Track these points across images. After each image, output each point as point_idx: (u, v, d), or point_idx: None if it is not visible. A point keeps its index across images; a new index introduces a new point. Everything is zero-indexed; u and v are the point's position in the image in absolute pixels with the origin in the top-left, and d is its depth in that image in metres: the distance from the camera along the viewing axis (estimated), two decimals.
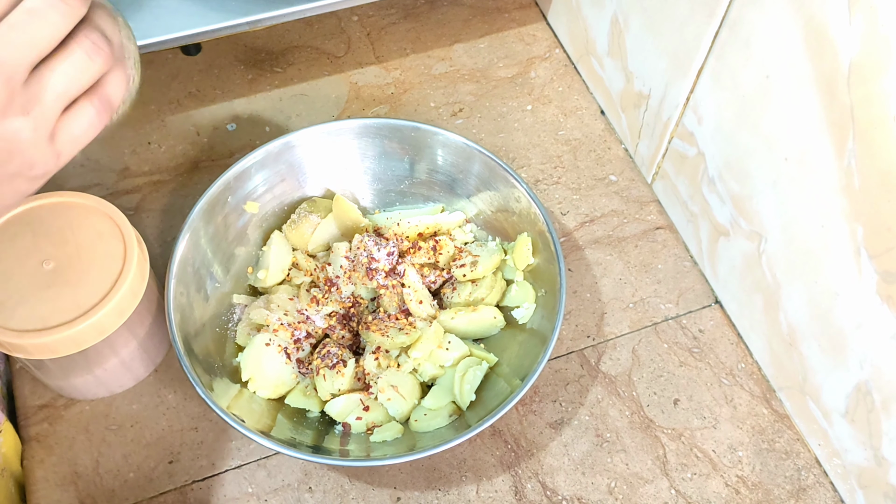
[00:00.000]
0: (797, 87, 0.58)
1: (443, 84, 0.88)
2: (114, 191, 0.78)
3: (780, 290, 0.66)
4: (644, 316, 0.75)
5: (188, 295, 0.64)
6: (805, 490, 0.67)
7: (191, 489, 0.64)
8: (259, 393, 0.65)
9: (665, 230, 0.80)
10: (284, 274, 0.71)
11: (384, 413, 0.65)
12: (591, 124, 0.87)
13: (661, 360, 0.72)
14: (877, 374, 0.59)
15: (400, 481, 0.65)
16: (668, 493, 0.66)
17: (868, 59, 0.51)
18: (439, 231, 0.73)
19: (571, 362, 0.72)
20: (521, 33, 0.93)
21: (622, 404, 0.70)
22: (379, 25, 0.92)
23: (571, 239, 0.79)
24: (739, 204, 0.68)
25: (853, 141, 0.54)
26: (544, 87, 0.89)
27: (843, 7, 0.52)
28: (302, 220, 0.72)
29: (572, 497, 0.65)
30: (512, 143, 0.84)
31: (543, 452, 0.67)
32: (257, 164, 0.69)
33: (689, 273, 0.77)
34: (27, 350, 0.57)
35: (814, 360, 0.65)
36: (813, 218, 0.60)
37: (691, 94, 0.71)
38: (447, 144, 0.72)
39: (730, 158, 0.68)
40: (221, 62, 0.88)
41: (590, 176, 0.83)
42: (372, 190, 0.76)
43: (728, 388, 0.71)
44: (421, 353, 0.66)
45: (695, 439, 0.69)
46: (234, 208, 0.69)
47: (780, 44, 0.58)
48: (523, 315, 0.69)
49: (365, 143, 0.73)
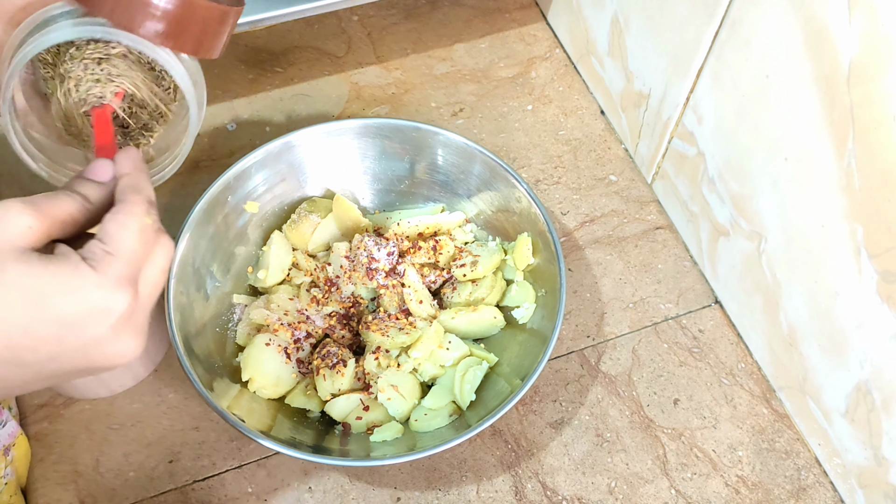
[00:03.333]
0: (797, 87, 0.58)
1: (444, 84, 0.88)
2: None
3: (780, 290, 0.66)
4: (644, 316, 0.75)
5: (188, 295, 0.64)
6: (805, 490, 0.67)
7: (191, 489, 0.64)
8: (259, 393, 0.65)
9: (665, 230, 0.80)
10: (284, 274, 0.71)
11: (384, 413, 0.65)
12: (592, 124, 0.87)
13: (661, 360, 0.72)
14: (877, 373, 0.59)
15: (400, 481, 0.65)
16: (668, 492, 0.66)
17: (868, 59, 0.51)
18: (439, 231, 0.73)
19: (571, 362, 0.72)
20: (522, 33, 0.93)
21: (622, 404, 0.70)
22: (380, 25, 0.92)
23: (571, 239, 0.79)
24: (739, 204, 0.68)
25: (853, 141, 0.54)
26: (545, 87, 0.89)
27: (843, 7, 0.52)
28: (302, 220, 0.72)
29: (572, 497, 0.66)
30: (512, 143, 0.84)
31: (543, 452, 0.67)
32: (257, 164, 0.69)
33: (689, 273, 0.77)
34: None
35: (814, 359, 0.65)
36: (813, 218, 0.60)
37: (691, 93, 0.71)
38: (448, 144, 0.72)
39: (730, 158, 0.68)
40: (222, 62, 0.88)
41: (590, 176, 0.83)
42: (372, 190, 0.76)
43: (728, 388, 0.71)
44: (421, 353, 0.66)
45: (695, 439, 0.69)
46: (234, 208, 0.69)
47: (780, 44, 0.58)
48: (523, 315, 0.69)
49: (365, 143, 0.73)
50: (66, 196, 0.40)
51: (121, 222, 0.39)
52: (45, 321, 0.36)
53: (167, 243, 0.42)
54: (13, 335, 0.36)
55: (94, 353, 0.38)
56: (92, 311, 0.37)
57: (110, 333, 0.38)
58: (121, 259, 0.38)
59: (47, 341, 0.37)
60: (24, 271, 0.36)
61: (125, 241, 0.38)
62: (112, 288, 0.37)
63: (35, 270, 0.36)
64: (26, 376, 0.38)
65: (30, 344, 0.36)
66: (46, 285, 0.36)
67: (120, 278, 0.38)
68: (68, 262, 0.37)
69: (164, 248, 0.41)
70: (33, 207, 0.38)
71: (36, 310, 0.36)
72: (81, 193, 0.41)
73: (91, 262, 0.37)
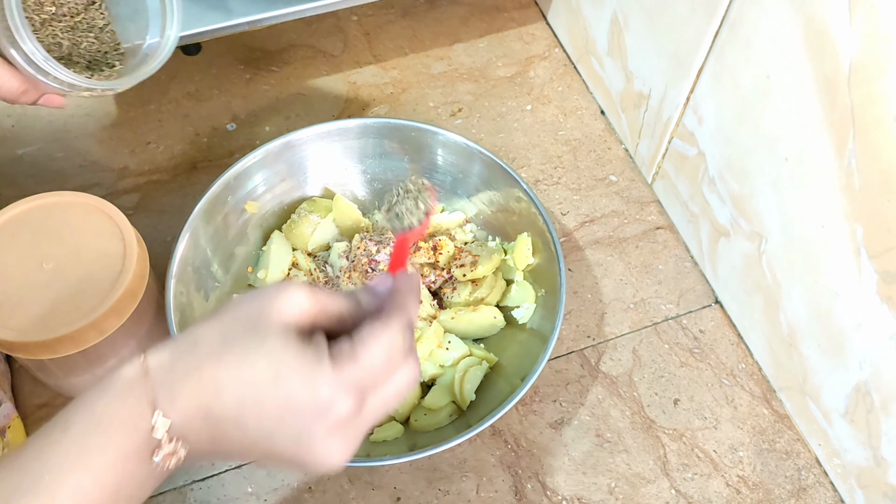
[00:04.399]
0: (797, 87, 0.58)
1: (441, 84, 0.88)
2: (113, 190, 0.78)
3: (780, 291, 0.66)
4: (645, 316, 0.75)
5: (188, 295, 0.64)
6: (805, 490, 0.67)
7: (190, 489, 0.64)
8: None
9: (665, 230, 0.80)
10: (284, 274, 0.71)
11: None
12: (591, 124, 0.86)
13: (661, 361, 0.72)
14: (876, 374, 0.59)
15: (400, 481, 0.65)
16: (669, 493, 0.66)
17: (868, 59, 0.51)
18: (439, 231, 0.73)
19: (572, 362, 0.72)
20: (521, 33, 0.93)
21: (623, 404, 0.70)
22: (377, 24, 0.92)
23: (571, 239, 0.79)
24: (740, 204, 0.68)
25: (853, 141, 0.54)
26: (544, 87, 0.89)
27: (843, 7, 0.52)
28: (302, 220, 0.72)
29: (573, 497, 0.65)
30: (512, 143, 0.84)
31: (544, 452, 0.67)
32: (257, 164, 0.69)
33: (689, 273, 0.77)
34: (27, 350, 0.57)
35: (814, 360, 0.65)
36: (813, 218, 0.60)
37: (691, 94, 0.71)
38: (447, 144, 0.71)
39: (730, 158, 0.68)
40: (221, 62, 0.88)
41: (590, 176, 0.83)
42: (372, 190, 0.76)
43: (728, 389, 0.71)
44: (421, 353, 0.66)
45: (696, 439, 0.69)
46: (234, 208, 0.69)
47: (781, 44, 0.58)
48: (523, 315, 0.69)
49: (365, 143, 0.73)
50: (343, 296, 0.42)
51: (374, 332, 0.40)
52: (275, 395, 0.37)
53: (413, 367, 0.42)
54: (246, 395, 0.38)
55: (304, 445, 0.38)
56: (315, 403, 0.38)
57: (323, 432, 0.38)
58: (360, 366, 0.39)
59: (271, 415, 0.38)
60: (280, 344, 0.38)
61: (371, 351, 0.39)
62: (339, 389, 0.38)
63: (288, 346, 0.38)
64: (244, 441, 0.38)
65: (256, 410, 0.38)
66: (290, 364, 0.38)
67: (351, 384, 0.38)
68: (316, 351, 0.38)
69: (407, 371, 0.41)
70: (312, 295, 0.40)
71: (273, 380, 0.37)
72: (357, 297, 0.43)
73: (334, 359, 0.38)
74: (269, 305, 0.39)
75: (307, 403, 0.38)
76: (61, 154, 0.79)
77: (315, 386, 0.38)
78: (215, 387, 0.37)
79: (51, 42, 0.58)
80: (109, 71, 0.60)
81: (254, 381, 0.38)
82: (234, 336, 0.39)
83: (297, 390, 0.38)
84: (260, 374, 0.38)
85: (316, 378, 0.38)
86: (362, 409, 0.39)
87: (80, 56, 0.59)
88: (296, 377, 0.38)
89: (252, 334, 0.38)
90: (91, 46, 0.60)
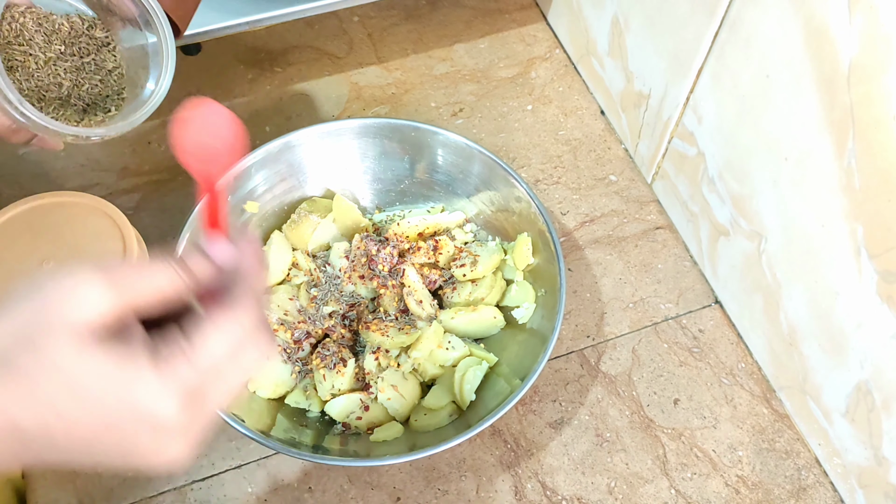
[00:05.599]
0: (797, 87, 0.58)
1: (443, 84, 0.88)
2: (113, 190, 0.78)
3: (780, 290, 0.66)
4: (644, 316, 0.75)
5: None
6: (805, 490, 0.67)
7: (190, 489, 0.64)
8: (259, 393, 0.65)
9: (665, 230, 0.80)
10: (284, 274, 0.71)
11: (384, 413, 0.65)
12: (591, 124, 0.87)
13: (661, 360, 0.72)
14: (877, 373, 0.59)
15: (400, 481, 0.65)
16: (668, 492, 0.66)
17: (868, 59, 0.51)
18: (439, 231, 0.73)
19: (571, 362, 0.72)
20: (522, 34, 0.93)
21: (622, 404, 0.70)
22: (380, 26, 0.92)
23: (571, 239, 0.79)
24: (739, 204, 0.68)
25: (853, 140, 0.54)
26: (545, 88, 0.89)
27: (843, 7, 0.52)
28: (302, 220, 0.72)
29: (572, 497, 0.65)
30: (512, 143, 0.84)
31: (543, 452, 0.67)
32: (257, 164, 0.69)
33: (689, 273, 0.77)
34: None
35: (814, 359, 0.65)
36: (813, 218, 0.60)
37: (691, 93, 0.71)
38: (447, 144, 0.72)
39: (730, 158, 0.68)
40: (222, 62, 0.88)
41: (590, 176, 0.83)
42: (372, 190, 0.76)
43: (728, 388, 0.71)
44: (421, 353, 0.66)
45: (695, 439, 0.68)
46: (233, 208, 0.69)
47: (780, 44, 0.58)
48: (523, 315, 0.69)
49: (365, 142, 0.73)
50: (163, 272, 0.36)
51: (220, 327, 0.34)
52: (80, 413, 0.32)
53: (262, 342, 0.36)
54: (46, 416, 0.32)
55: (131, 454, 0.34)
56: (133, 412, 0.33)
57: (149, 438, 0.33)
58: (196, 366, 0.34)
59: (82, 433, 0.33)
60: (71, 359, 0.32)
61: (210, 347, 0.34)
62: (162, 392, 0.33)
63: (83, 358, 0.32)
64: (61, 455, 0.34)
65: (62, 429, 0.32)
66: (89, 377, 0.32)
67: (180, 384, 0.33)
68: (127, 353, 0.33)
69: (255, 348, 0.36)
70: (112, 286, 0.33)
71: (72, 399, 0.32)
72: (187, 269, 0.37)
73: (161, 358, 0.33)
74: (51, 311, 0.32)
75: (122, 413, 0.33)
76: (62, 154, 0.80)
77: (130, 392, 0.32)
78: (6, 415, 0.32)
79: (50, 82, 0.57)
80: (103, 116, 0.59)
81: (50, 403, 0.32)
82: (11, 355, 0.32)
83: (106, 403, 0.32)
84: (53, 395, 0.32)
85: (130, 384, 0.32)
86: (200, 403, 0.34)
87: (80, 98, 0.58)
88: (100, 389, 0.32)
89: (31, 352, 0.32)
90: (93, 89, 0.59)
